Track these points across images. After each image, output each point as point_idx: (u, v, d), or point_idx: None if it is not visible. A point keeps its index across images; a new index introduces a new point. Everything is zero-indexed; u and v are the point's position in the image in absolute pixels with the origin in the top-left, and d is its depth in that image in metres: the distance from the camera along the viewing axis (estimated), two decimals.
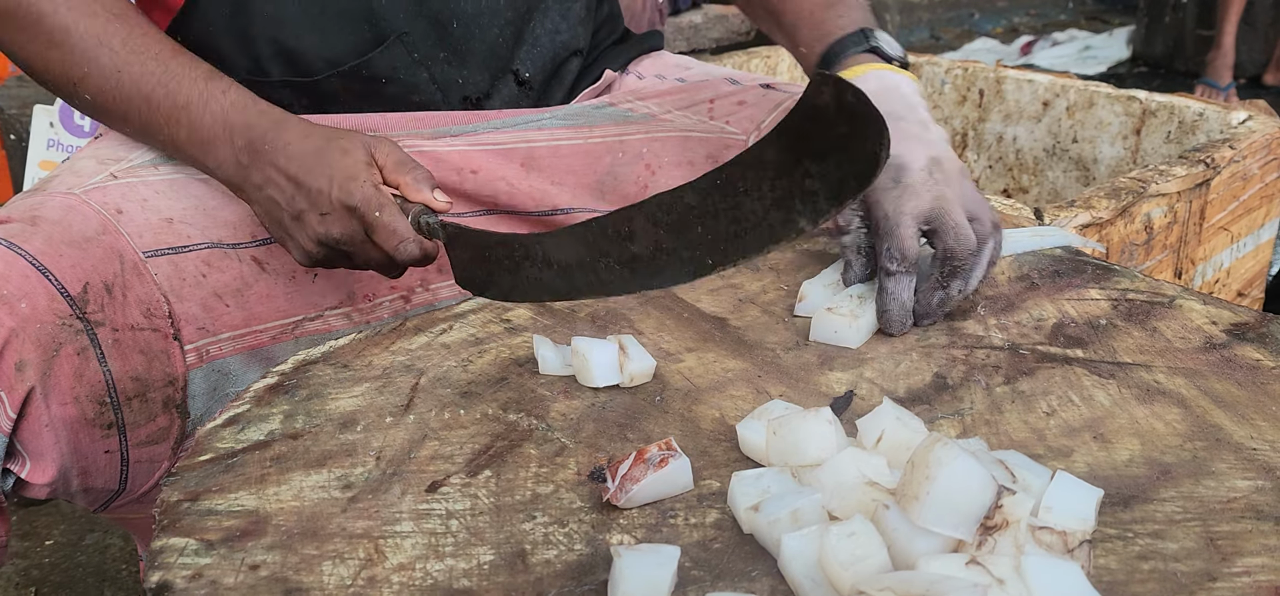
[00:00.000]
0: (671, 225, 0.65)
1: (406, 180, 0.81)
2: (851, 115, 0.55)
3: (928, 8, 5.82)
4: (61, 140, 1.47)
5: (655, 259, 0.66)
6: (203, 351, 0.86)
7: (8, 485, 0.78)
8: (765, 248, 0.61)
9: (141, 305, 0.82)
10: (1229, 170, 1.54)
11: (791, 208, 0.60)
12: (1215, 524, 0.57)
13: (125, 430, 0.82)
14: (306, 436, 0.68)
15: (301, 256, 0.84)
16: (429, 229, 0.81)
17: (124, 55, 0.84)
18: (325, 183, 0.80)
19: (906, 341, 0.79)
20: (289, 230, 0.83)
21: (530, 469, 0.65)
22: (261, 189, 0.83)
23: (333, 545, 0.58)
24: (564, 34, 1.06)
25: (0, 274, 0.76)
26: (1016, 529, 0.52)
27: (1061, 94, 1.94)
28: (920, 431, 0.60)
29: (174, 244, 0.86)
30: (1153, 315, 0.80)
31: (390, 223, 0.80)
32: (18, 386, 0.75)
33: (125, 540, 1.56)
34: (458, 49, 0.99)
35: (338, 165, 0.80)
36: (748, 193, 0.61)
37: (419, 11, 0.96)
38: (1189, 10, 4.46)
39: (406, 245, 0.80)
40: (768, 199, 0.61)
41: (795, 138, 0.58)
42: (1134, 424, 0.67)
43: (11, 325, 0.75)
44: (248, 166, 0.83)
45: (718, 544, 0.57)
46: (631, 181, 1.03)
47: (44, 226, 0.80)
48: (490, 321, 0.83)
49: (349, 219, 0.80)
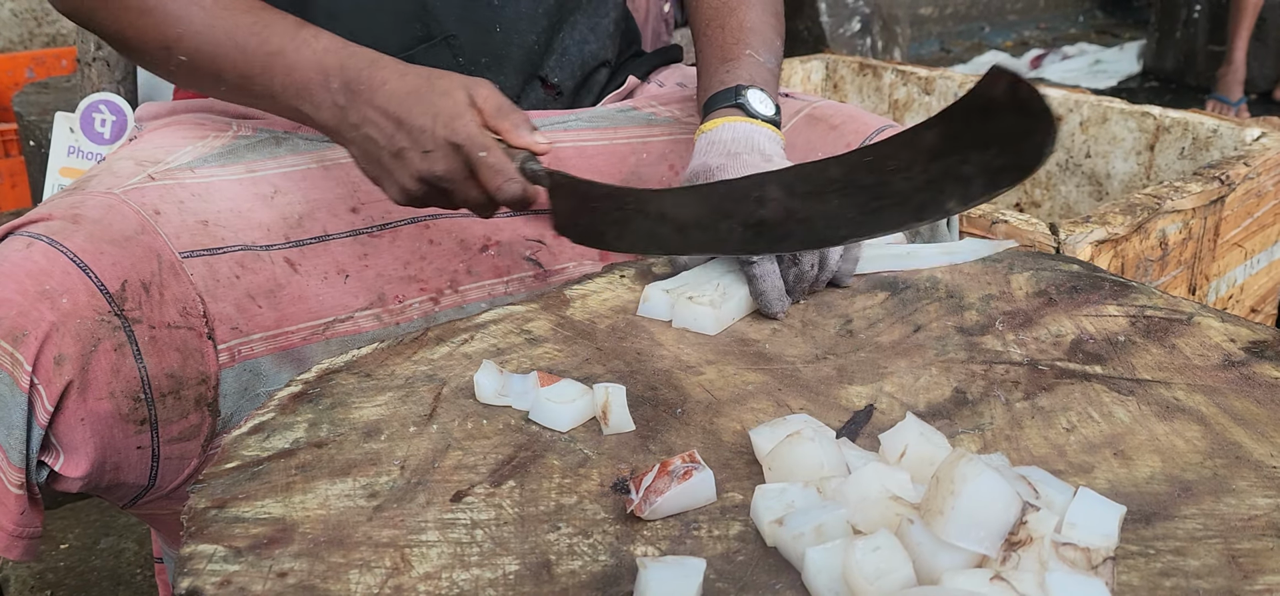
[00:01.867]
0: (808, 194, 0.67)
1: (507, 125, 0.84)
2: (1023, 109, 0.56)
3: (938, 21, 5.83)
4: (82, 147, 1.49)
5: (784, 224, 0.69)
6: (235, 351, 0.87)
7: (42, 477, 0.79)
8: (907, 224, 0.64)
9: (178, 304, 0.84)
10: (1243, 187, 1.54)
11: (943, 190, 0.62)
12: (1237, 541, 0.57)
13: (158, 426, 0.83)
14: (331, 445, 0.69)
15: (398, 194, 0.86)
16: (533, 175, 0.83)
17: (215, 10, 0.86)
18: (428, 120, 0.82)
19: (924, 355, 0.79)
20: (388, 168, 0.85)
21: (553, 479, 0.65)
22: (359, 128, 0.84)
23: (359, 553, 0.58)
24: (592, 45, 1.11)
25: (42, 269, 0.78)
26: (1041, 545, 0.52)
27: (1075, 109, 1.94)
28: (944, 446, 0.61)
29: (209, 245, 0.87)
30: (1171, 332, 0.80)
31: (495, 162, 0.83)
32: (56, 380, 0.76)
33: (140, 544, 1.57)
34: (496, 53, 1.03)
35: (441, 104, 0.83)
36: (898, 172, 0.63)
37: (467, 15, 0.99)
38: (1200, 25, 4.47)
39: (511, 184, 0.83)
40: (918, 179, 0.62)
41: (959, 125, 0.59)
42: (1154, 441, 0.67)
43: (52, 320, 0.76)
44: (345, 108, 0.84)
45: (741, 556, 0.57)
46: (655, 180, 1.06)
47: (85, 224, 0.81)
48: (511, 332, 0.84)
49: (453, 156, 0.83)
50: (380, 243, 0.95)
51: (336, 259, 0.93)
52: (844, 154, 0.65)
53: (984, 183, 0.61)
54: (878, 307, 0.87)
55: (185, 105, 1.03)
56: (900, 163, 0.63)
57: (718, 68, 0.99)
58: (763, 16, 1.03)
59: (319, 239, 0.93)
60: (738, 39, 1.00)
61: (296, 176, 0.95)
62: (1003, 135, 0.58)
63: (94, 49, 1.54)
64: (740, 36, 1.00)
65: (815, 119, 1.08)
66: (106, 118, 1.51)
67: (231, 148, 0.96)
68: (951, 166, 0.61)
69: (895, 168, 0.63)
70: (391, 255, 0.96)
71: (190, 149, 0.94)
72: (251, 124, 1.00)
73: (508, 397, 0.73)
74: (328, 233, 0.93)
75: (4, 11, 3.45)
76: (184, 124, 1.00)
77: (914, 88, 2.19)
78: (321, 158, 0.97)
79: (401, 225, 0.97)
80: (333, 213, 0.94)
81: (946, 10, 5.87)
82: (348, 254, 0.94)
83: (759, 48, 1.00)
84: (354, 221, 0.95)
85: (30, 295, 0.77)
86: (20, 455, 0.77)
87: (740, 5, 1.03)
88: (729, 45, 1.00)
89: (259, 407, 0.73)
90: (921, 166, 0.62)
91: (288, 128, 1.01)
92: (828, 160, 0.66)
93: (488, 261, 0.99)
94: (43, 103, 2.21)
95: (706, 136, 0.94)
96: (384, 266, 0.95)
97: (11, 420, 0.76)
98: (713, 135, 0.93)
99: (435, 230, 0.98)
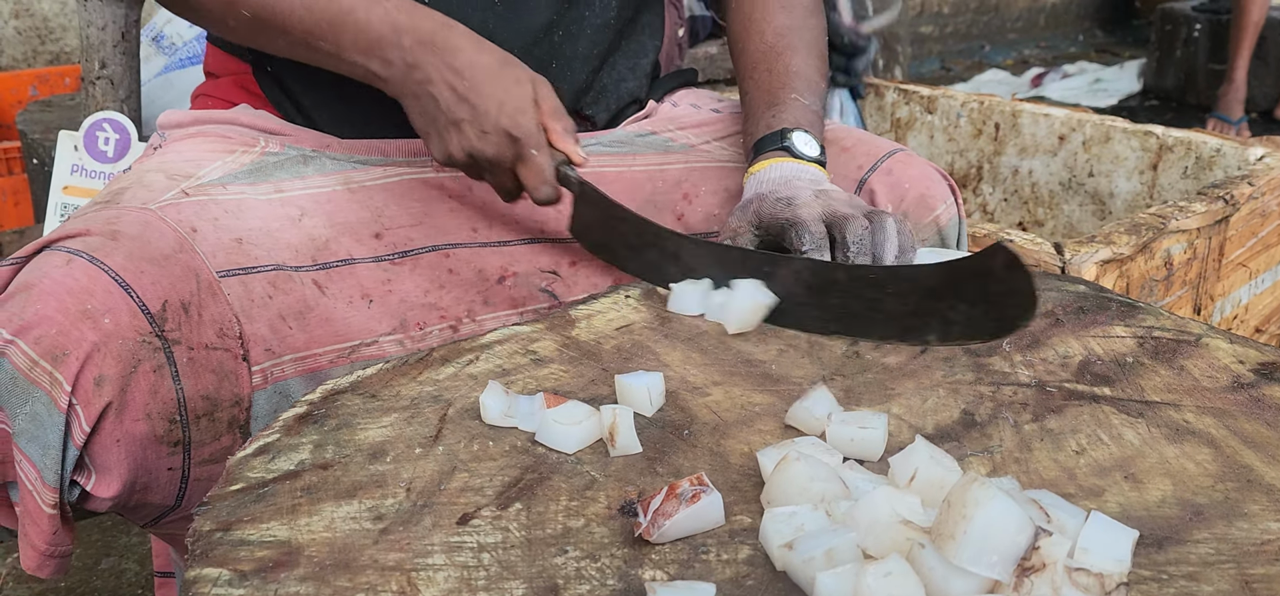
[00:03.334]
0: (812, 286, 0.76)
1: (557, 127, 0.89)
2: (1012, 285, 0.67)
3: (938, 40, 5.85)
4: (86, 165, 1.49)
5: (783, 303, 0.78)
6: (268, 373, 0.87)
7: (73, 496, 0.78)
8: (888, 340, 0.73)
9: (215, 325, 0.83)
10: (1247, 206, 1.54)
11: (928, 324, 0.72)
12: (1250, 566, 0.57)
13: (190, 448, 0.82)
14: (336, 467, 0.68)
15: (443, 155, 0.90)
16: (566, 179, 0.90)
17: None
18: (494, 106, 0.87)
19: (932, 377, 0.79)
20: (441, 131, 0.88)
21: (560, 502, 0.65)
22: (425, 86, 0.88)
23: (365, 577, 0.58)
24: (630, 84, 1.14)
25: (85, 288, 0.77)
26: (1054, 570, 0.51)
27: (1078, 128, 1.94)
28: (954, 470, 0.60)
29: (244, 264, 0.87)
30: (1179, 353, 0.80)
31: (542, 164, 0.89)
32: (95, 401, 0.76)
33: (141, 565, 1.57)
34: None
35: (510, 92, 0.87)
36: (894, 294, 0.73)
37: (532, 52, 1.02)
38: (1201, 44, 4.48)
39: (546, 188, 0.89)
40: (909, 306, 0.72)
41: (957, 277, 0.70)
42: (1165, 464, 0.67)
43: (94, 339, 0.76)
44: (413, 65, 0.87)
45: (750, 581, 0.57)
46: (669, 208, 1.07)
47: (124, 242, 0.81)
48: (516, 353, 0.83)
49: (507, 146, 0.88)
50: (402, 269, 0.96)
51: (361, 283, 0.93)
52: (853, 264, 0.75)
53: (962, 329, 0.71)
54: None
55: (210, 116, 1.03)
56: (899, 289, 0.73)
57: (764, 111, 1.02)
58: (808, 60, 1.05)
59: (344, 262, 0.93)
60: (784, 82, 1.03)
61: (322, 199, 0.96)
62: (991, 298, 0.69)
63: (98, 68, 1.54)
64: (786, 80, 1.03)
65: (828, 141, 1.09)
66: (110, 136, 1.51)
67: (260, 165, 0.96)
68: (939, 309, 0.71)
69: (893, 291, 0.73)
70: (413, 282, 0.96)
71: (219, 163, 0.94)
72: (279, 140, 1.00)
73: (514, 419, 0.73)
74: (352, 257, 0.94)
75: (8, 30, 3.46)
76: (210, 136, 0.99)
77: (916, 107, 2.19)
78: (347, 180, 0.98)
79: (422, 253, 0.97)
80: (357, 238, 0.95)
81: (947, 29, 5.89)
82: (372, 279, 0.94)
83: (804, 91, 1.02)
84: (377, 247, 0.95)
85: (72, 314, 0.76)
86: (55, 475, 0.76)
87: (786, 50, 1.05)
88: (776, 88, 1.02)
89: (264, 429, 0.73)
90: (916, 298, 0.72)
91: (315, 146, 1.01)
92: (837, 264, 0.74)
93: (504, 292, 1.00)
94: (46, 121, 2.21)
95: (755, 177, 0.97)
96: (406, 292, 0.95)
97: (48, 440, 0.75)
98: (761, 176, 0.97)
99: (454, 260, 0.98)
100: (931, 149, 2.18)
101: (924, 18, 5.68)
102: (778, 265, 0.77)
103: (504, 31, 1.01)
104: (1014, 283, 0.66)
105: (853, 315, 0.73)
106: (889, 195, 1.02)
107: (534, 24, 1.03)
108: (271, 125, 1.01)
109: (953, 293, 0.69)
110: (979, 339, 0.69)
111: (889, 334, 0.72)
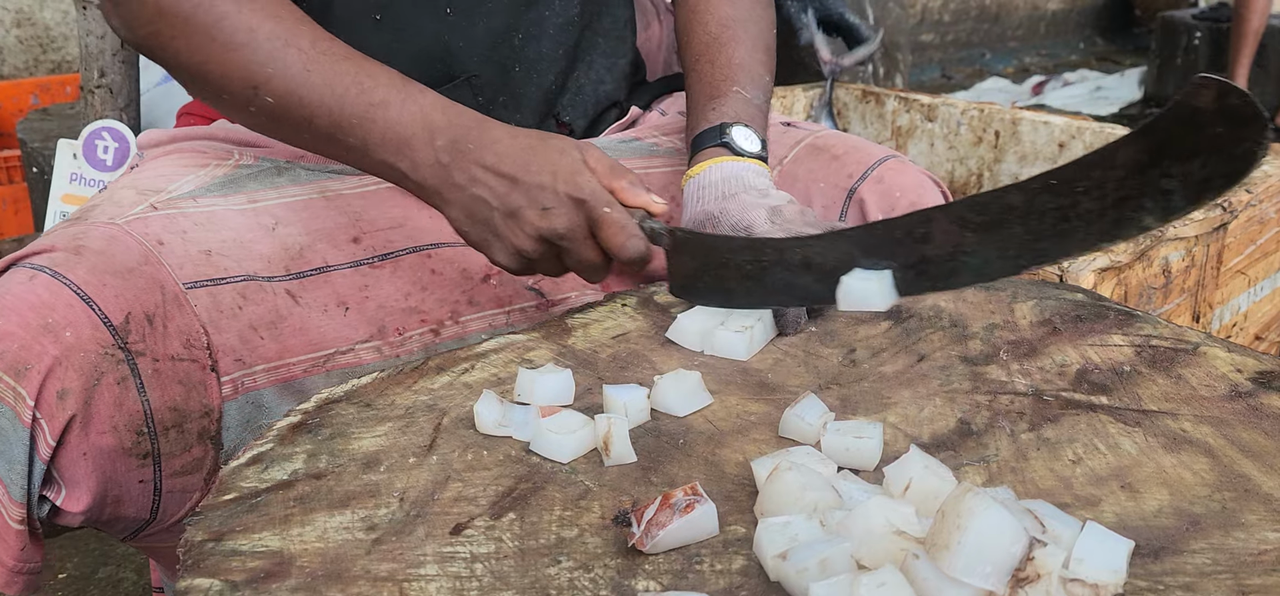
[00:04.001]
0: (981, 226, 0.65)
1: (621, 184, 0.82)
2: (1233, 116, 0.56)
3: (939, 47, 5.85)
4: (85, 174, 1.49)
5: (951, 260, 0.67)
6: (238, 383, 0.87)
7: (43, 512, 0.78)
8: (1096, 246, 0.62)
9: (182, 336, 0.83)
10: (1246, 214, 1.53)
11: (1140, 205, 0.60)
12: (1247, 576, 0.56)
13: (161, 460, 0.82)
14: (330, 476, 0.68)
15: (509, 257, 0.83)
16: (653, 234, 0.81)
17: (313, 55, 0.83)
18: (548, 177, 0.80)
19: (929, 385, 0.79)
20: (499, 229, 0.82)
21: (554, 512, 0.64)
22: (466, 189, 0.82)
23: (357, 588, 0.57)
24: (608, 85, 1.12)
25: (45, 302, 0.77)
26: (1048, 581, 0.51)
27: (1077, 136, 1.94)
28: (949, 480, 0.60)
29: (213, 276, 0.86)
30: (1177, 362, 0.80)
31: (620, 218, 0.81)
32: (59, 414, 0.76)
33: (139, 573, 1.56)
34: (515, 92, 1.04)
35: (559, 162, 0.81)
36: (1087, 192, 0.61)
37: (490, 56, 1.00)
38: (1201, 52, 4.48)
39: (634, 241, 0.81)
40: (1110, 197, 0.60)
41: (1160, 138, 0.58)
42: (1161, 473, 0.66)
43: (56, 354, 0.76)
44: (449, 166, 0.82)
45: (744, 591, 0.57)
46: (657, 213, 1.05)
47: (88, 256, 0.81)
48: (512, 361, 0.83)
49: (576, 212, 0.81)
50: (381, 273, 0.95)
51: (337, 291, 0.93)
52: (1026, 180, 0.63)
53: (1186, 194, 0.59)
54: (881, 337, 0.86)
55: (186, 133, 1.03)
56: (1091, 182, 0.61)
57: (704, 106, 0.99)
58: (752, 53, 1.02)
59: (319, 270, 0.92)
60: (726, 75, 1.00)
61: (298, 207, 0.95)
62: (1210, 144, 0.57)
63: (97, 76, 1.55)
64: (728, 73, 1.00)
65: (818, 149, 1.08)
66: (109, 145, 1.51)
67: (233, 177, 0.96)
68: (1151, 180, 0.60)
69: (1085, 188, 0.61)
70: (393, 286, 0.95)
71: (191, 177, 0.94)
72: (253, 152, 1.00)
73: (508, 428, 0.73)
74: (328, 263, 0.93)
75: (9, 39, 3.47)
76: (185, 152, 0.99)
77: (917, 114, 2.19)
78: (324, 188, 0.97)
79: (404, 255, 0.96)
80: (334, 244, 0.94)
81: (948, 37, 5.90)
82: (348, 286, 0.93)
83: (746, 84, 0.99)
84: (355, 252, 0.94)
85: (33, 328, 0.76)
86: (22, 490, 0.76)
87: (729, 41, 1.02)
88: (717, 81, 1.00)
89: (258, 437, 0.73)
90: (1115, 184, 0.61)
91: (290, 157, 1.00)
92: (1007, 187, 0.64)
93: (489, 291, 0.99)
94: (46, 129, 2.21)
95: (695, 181, 0.94)
96: (385, 298, 0.94)
97: (13, 455, 0.75)
98: (700, 179, 0.93)
99: (437, 260, 0.97)
100: (932, 157, 2.18)
101: (925, 26, 5.69)
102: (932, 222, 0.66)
103: (459, 39, 0.99)
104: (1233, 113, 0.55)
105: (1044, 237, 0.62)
106: (880, 204, 1.02)
107: (491, 28, 1.01)
108: (247, 137, 1.01)
109: (1161, 157, 0.58)
110: (1209, 196, 0.58)
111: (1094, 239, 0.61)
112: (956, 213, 0.65)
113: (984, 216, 0.65)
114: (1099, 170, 0.61)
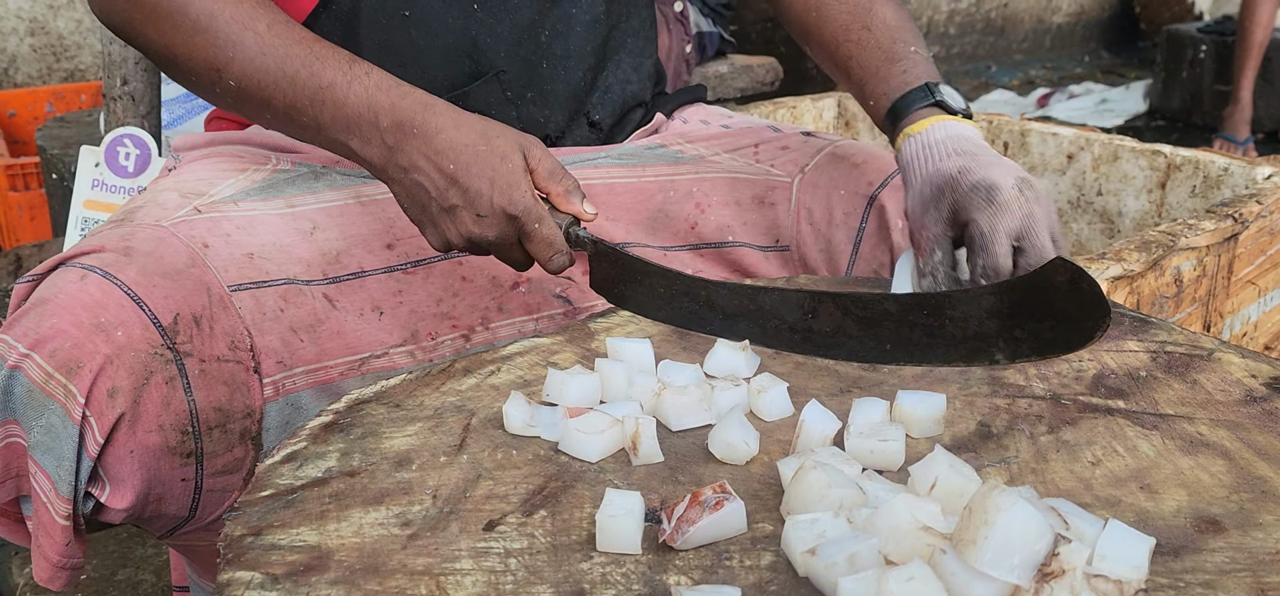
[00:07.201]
0: (862, 320, 0.73)
1: (558, 190, 0.85)
2: (1081, 299, 0.64)
3: (944, 60, 5.87)
4: (107, 181, 1.50)
5: (833, 338, 0.74)
6: (279, 385, 0.88)
7: (88, 508, 0.80)
8: (954, 363, 0.70)
9: (227, 337, 0.84)
10: (1256, 225, 1.55)
11: (994, 343, 0.68)
12: (1265, 575, 0.57)
13: (203, 459, 0.83)
14: (363, 474, 0.69)
15: (440, 244, 0.87)
16: (577, 240, 0.86)
17: (268, 38, 0.86)
18: (485, 185, 0.83)
19: (947, 389, 0.80)
20: (435, 219, 0.85)
21: (584, 509, 0.66)
22: (408, 173, 0.84)
23: (395, 581, 0.59)
24: (634, 85, 1.13)
25: (98, 302, 0.78)
26: (1073, 576, 0.52)
27: (1086, 147, 1.96)
28: (973, 479, 0.61)
29: (256, 278, 0.88)
30: (1192, 367, 0.81)
31: (548, 235, 0.84)
32: (108, 413, 0.77)
33: (158, 575, 1.57)
34: (543, 89, 1.05)
35: (499, 170, 0.83)
36: (952, 320, 0.69)
37: (517, 52, 1.01)
38: (1206, 65, 4.49)
39: (559, 257, 0.85)
40: (970, 330, 0.69)
41: (1019, 298, 0.66)
42: (1179, 475, 0.68)
43: (107, 353, 0.77)
44: (394, 149, 0.84)
45: (773, 587, 0.58)
46: (682, 218, 1.07)
47: (137, 257, 0.82)
48: (537, 364, 0.85)
49: (507, 225, 0.84)
50: (414, 279, 0.97)
51: (372, 296, 0.94)
52: (903, 294, 0.71)
53: (1034, 347, 0.67)
54: None
55: (223, 137, 1.04)
56: (956, 314, 0.69)
57: (887, 67, 0.97)
58: (897, 14, 1.01)
59: (355, 275, 0.94)
60: (893, 37, 0.99)
61: (334, 212, 0.97)
62: (1058, 315, 0.65)
63: (119, 84, 1.56)
64: (893, 34, 0.99)
65: (839, 157, 1.09)
66: (131, 152, 1.53)
67: (271, 182, 0.97)
68: (1005, 328, 0.67)
69: (951, 317, 0.69)
70: (425, 291, 0.97)
71: (232, 182, 0.96)
72: (290, 158, 1.02)
73: (537, 428, 0.74)
74: (364, 269, 0.95)
75: (24, 47, 3.50)
76: (223, 155, 1.01)
77: None
78: (359, 194, 0.99)
79: (436, 262, 0.98)
80: (368, 249, 0.96)
81: (953, 50, 5.92)
82: (383, 291, 0.95)
83: (916, 41, 0.98)
84: (389, 258, 0.96)
85: (85, 327, 0.77)
86: (69, 487, 0.77)
87: (874, 3, 1.01)
88: (888, 44, 0.98)
89: (291, 437, 0.74)
90: (976, 321, 0.68)
91: (326, 162, 1.02)
92: (885, 295, 0.71)
93: (518, 298, 1.00)
94: (64, 137, 2.24)
95: (916, 141, 0.92)
96: (418, 303, 0.96)
97: (62, 452, 0.77)
98: (923, 138, 0.92)
99: (468, 267, 0.99)
100: None
101: (930, 38, 5.71)
102: (820, 304, 0.74)
103: (486, 34, 1.01)
104: (1080, 296, 0.63)
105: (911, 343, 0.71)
106: (900, 210, 1.03)
107: (517, 23, 1.02)
108: (283, 143, 1.03)
109: (1016, 311, 0.66)
110: (1052, 355, 0.66)
111: (953, 358, 0.69)
112: (842, 301, 0.73)
113: (865, 313, 0.73)
114: (964, 307, 0.69)
